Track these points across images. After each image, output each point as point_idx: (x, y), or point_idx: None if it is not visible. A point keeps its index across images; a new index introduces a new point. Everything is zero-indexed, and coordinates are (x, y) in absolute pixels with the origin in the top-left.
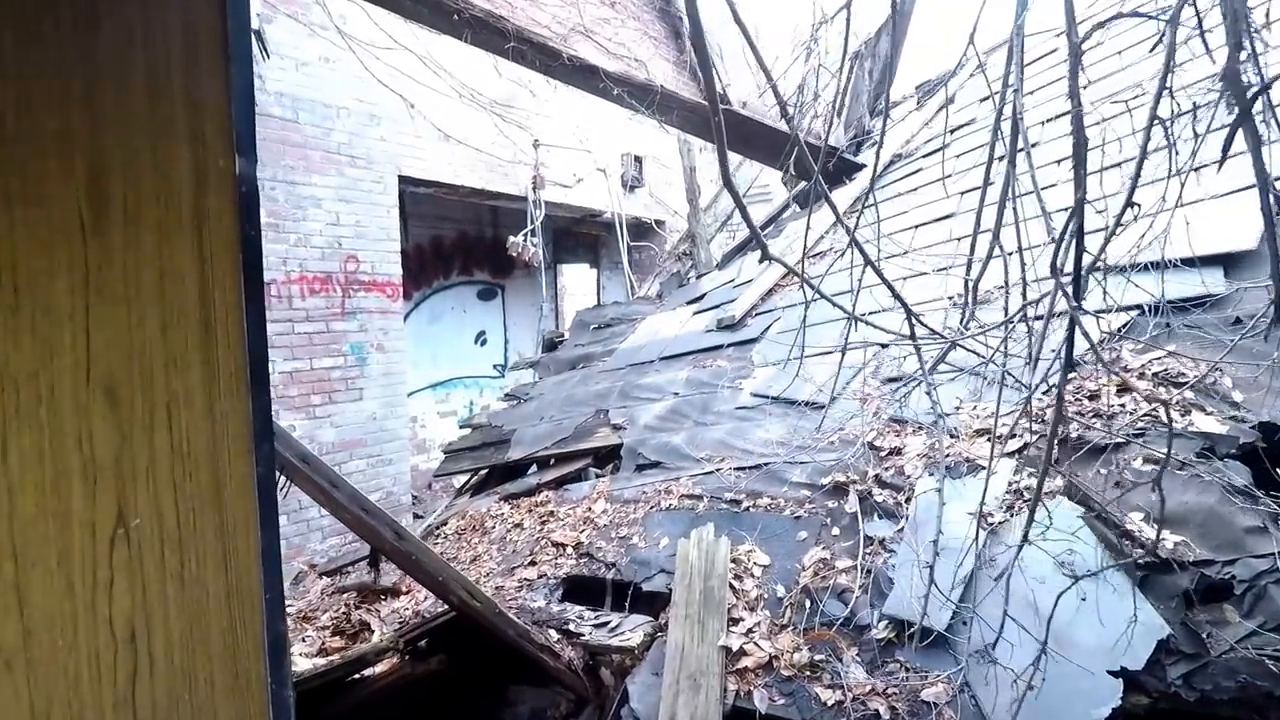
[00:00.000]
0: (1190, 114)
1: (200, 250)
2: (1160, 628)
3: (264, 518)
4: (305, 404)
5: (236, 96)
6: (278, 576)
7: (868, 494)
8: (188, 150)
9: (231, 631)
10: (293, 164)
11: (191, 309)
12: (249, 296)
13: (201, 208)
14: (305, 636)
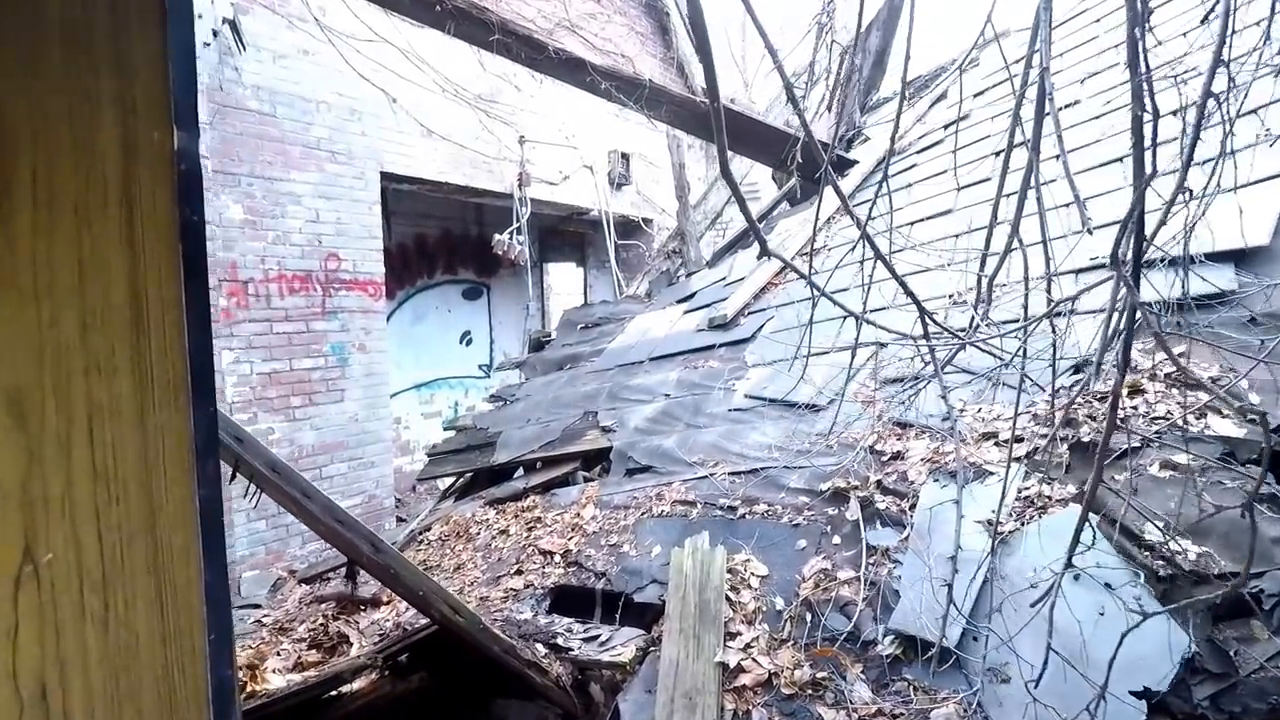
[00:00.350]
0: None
1: (130, 237)
2: (1184, 645)
3: (208, 547)
4: (285, 406)
5: (175, 59)
6: (225, 614)
7: (869, 501)
8: (113, 118)
9: (167, 681)
10: (270, 159)
11: (118, 306)
12: (190, 291)
13: (131, 187)
14: (280, 650)
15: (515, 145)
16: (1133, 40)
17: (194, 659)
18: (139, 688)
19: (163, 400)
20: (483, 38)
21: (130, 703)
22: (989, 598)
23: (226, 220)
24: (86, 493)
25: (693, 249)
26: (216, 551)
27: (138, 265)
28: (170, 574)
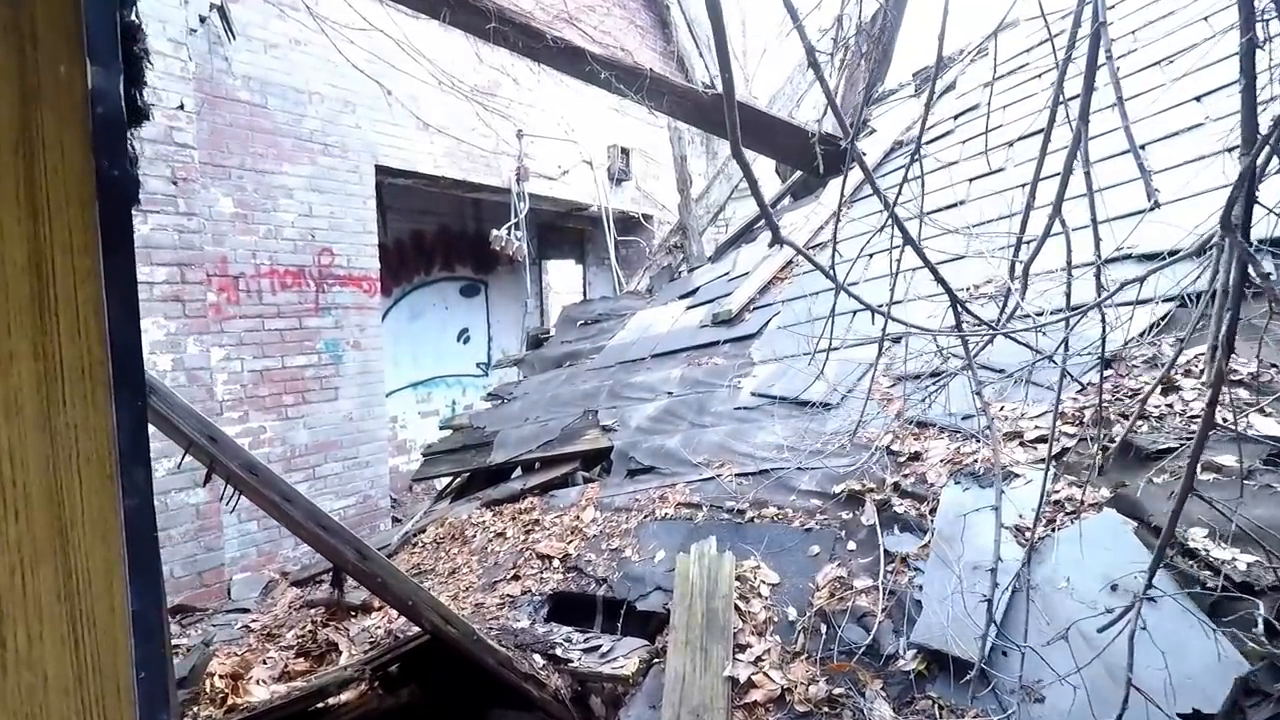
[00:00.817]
0: None
1: (29, 195)
2: (1238, 663)
3: (136, 568)
4: (276, 404)
5: None
6: (158, 647)
7: (887, 504)
8: (5, 48)
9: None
10: (262, 151)
11: (14, 278)
12: (112, 264)
13: (30, 132)
14: (267, 658)
15: (513, 139)
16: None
17: (118, 701)
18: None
19: (75, 394)
20: (479, 26)
21: None
22: (1021, 610)
23: (217, 214)
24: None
25: (695, 244)
26: (147, 573)
27: (39, 227)
28: (86, 602)
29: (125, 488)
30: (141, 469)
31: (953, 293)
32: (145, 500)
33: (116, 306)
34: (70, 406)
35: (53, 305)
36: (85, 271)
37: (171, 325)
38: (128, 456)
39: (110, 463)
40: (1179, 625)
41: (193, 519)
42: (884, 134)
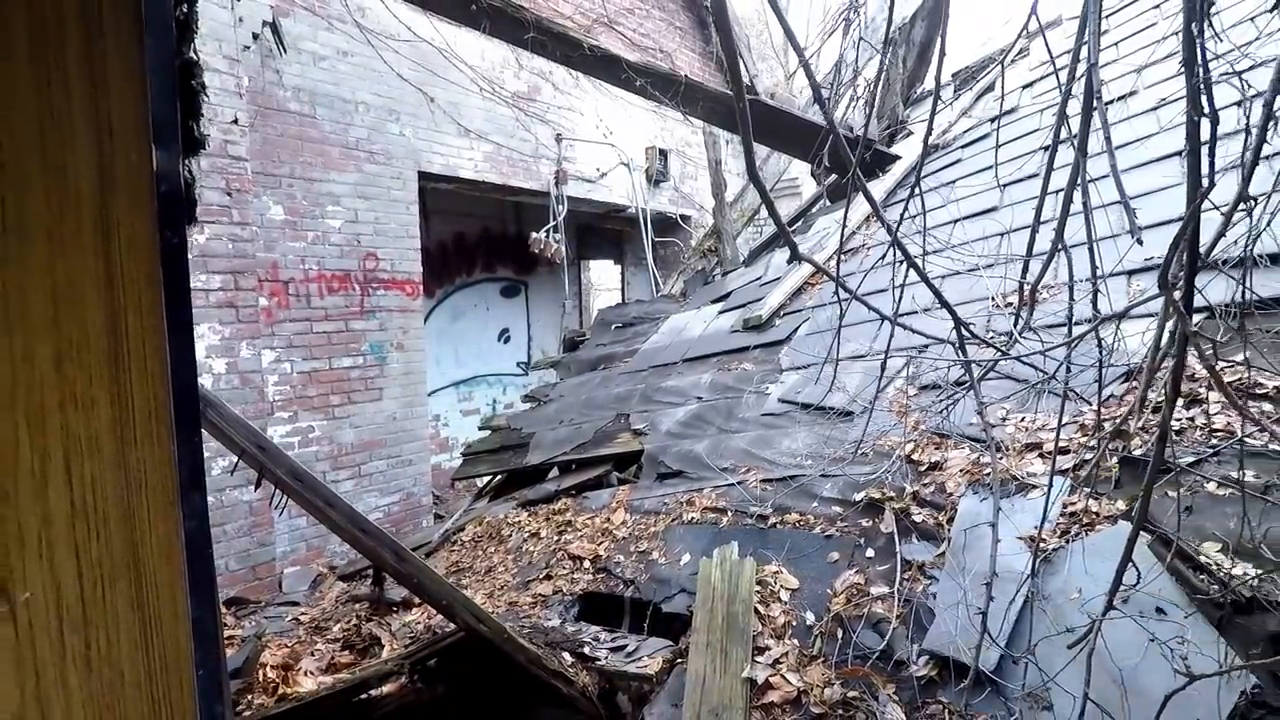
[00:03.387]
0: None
1: (107, 265)
2: (1245, 677)
3: (195, 581)
4: (324, 404)
5: (154, 74)
6: (214, 648)
7: (905, 513)
8: (88, 140)
9: (154, 718)
10: (310, 160)
11: (96, 337)
12: (173, 320)
13: (108, 213)
14: (315, 650)
15: (552, 143)
16: (1189, 37)
17: (182, 695)
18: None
19: (144, 434)
20: (518, 35)
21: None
22: (1029, 620)
23: (268, 221)
24: (64, 530)
25: (729, 247)
26: (204, 585)
27: (115, 294)
28: (155, 610)
29: (185, 512)
30: (198, 495)
31: (955, 314)
32: (202, 522)
33: (178, 356)
34: (140, 444)
35: (126, 360)
36: (152, 329)
37: (226, 330)
38: (187, 485)
39: (172, 490)
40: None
41: (246, 515)
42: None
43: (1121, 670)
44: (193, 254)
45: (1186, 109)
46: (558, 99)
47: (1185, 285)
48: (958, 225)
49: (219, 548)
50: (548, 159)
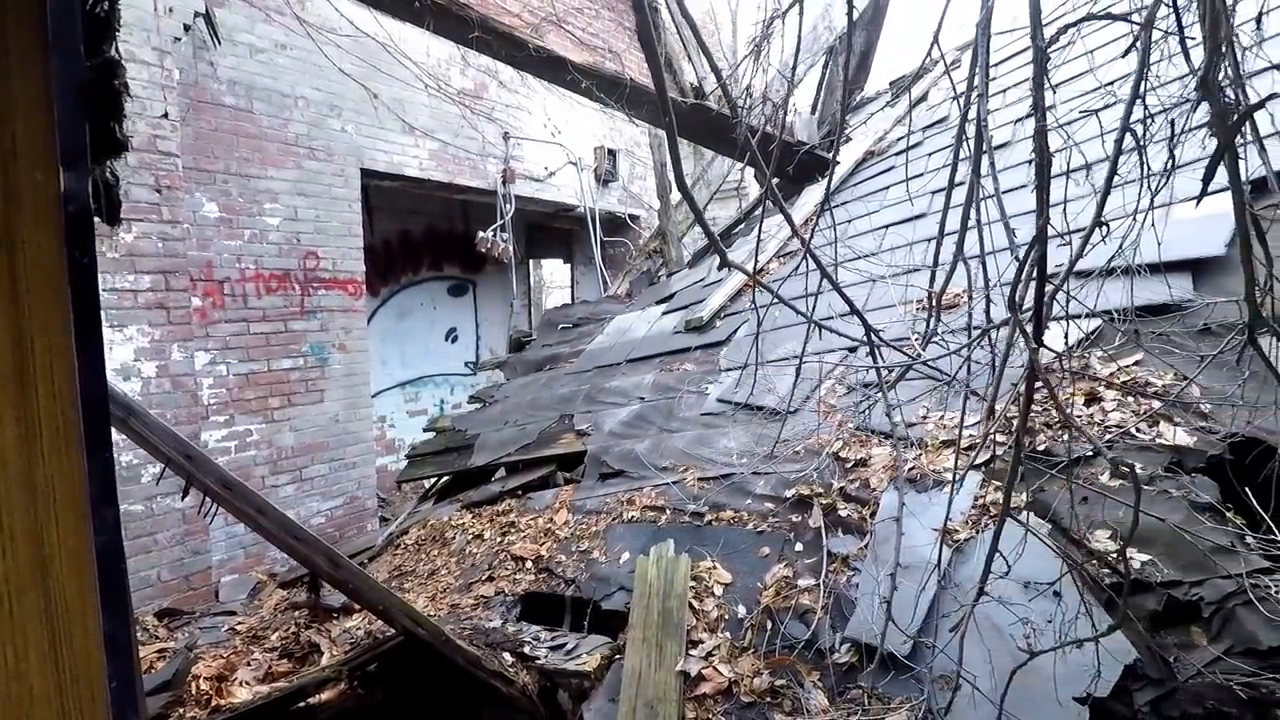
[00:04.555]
0: (1162, 117)
1: (11, 285)
2: (1127, 652)
3: (108, 593)
4: (263, 407)
5: (61, 95)
6: (128, 660)
7: (832, 508)
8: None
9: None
10: (247, 156)
11: (0, 356)
12: (82, 339)
13: (12, 233)
14: (251, 660)
15: (500, 141)
16: (1038, 83)
17: (94, 707)
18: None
19: (52, 449)
20: (462, 34)
21: None
22: (945, 606)
23: (202, 218)
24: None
25: (674, 248)
26: (117, 598)
27: (21, 313)
28: (64, 624)
29: (96, 526)
30: (110, 509)
31: (866, 322)
32: (114, 535)
33: (88, 374)
34: (48, 460)
35: (32, 377)
36: (60, 348)
37: (156, 332)
38: (98, 499)
39: (83, 505)
40: (1080, 619)
41: (179, 523)
42: (860, 142)
43: (1019, 648)
44: (119, 253)
45: (1033, 149)
46: (505, 97)
47: (1035, 311)
48: (890, 230)
49: (150, 557)
50: (495, 157)
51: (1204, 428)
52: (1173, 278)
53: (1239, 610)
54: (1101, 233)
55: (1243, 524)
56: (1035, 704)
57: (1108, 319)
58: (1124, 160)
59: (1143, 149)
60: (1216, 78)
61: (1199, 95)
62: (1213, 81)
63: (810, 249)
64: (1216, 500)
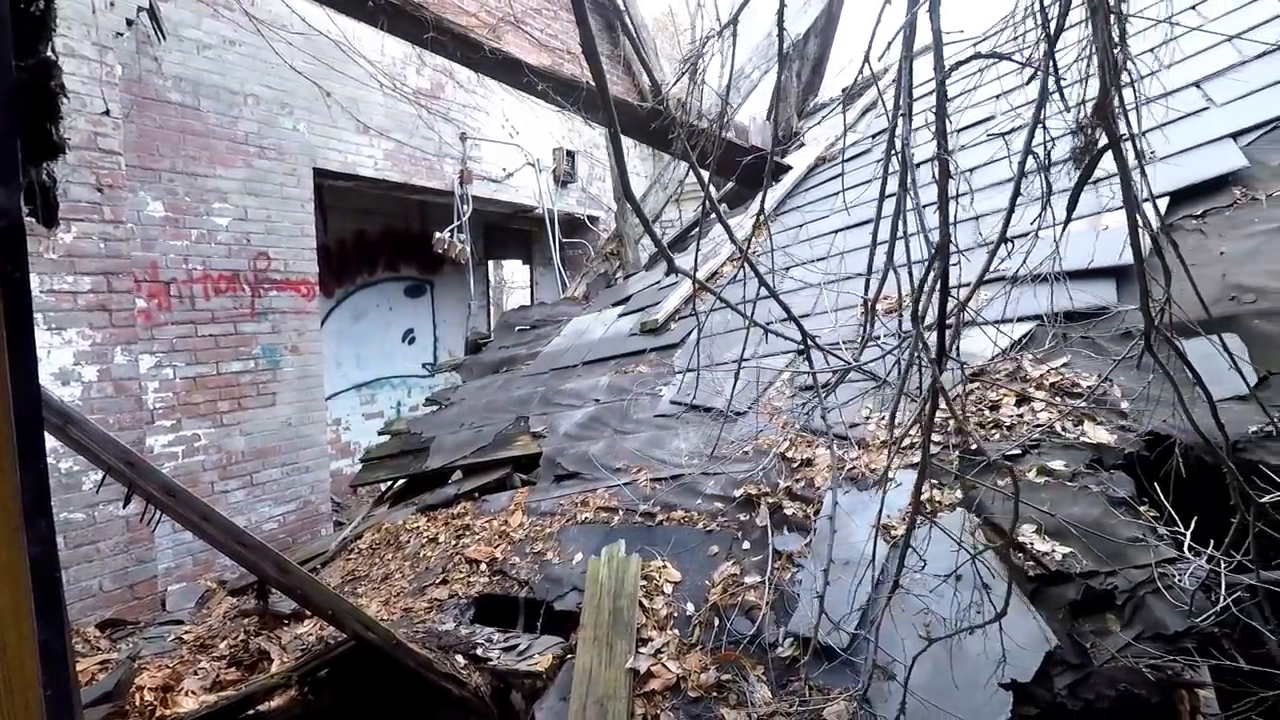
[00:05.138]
0: (1064, 139)
1: None
2: (1049, 639)
3: (42, 604)
4: (212, 411)
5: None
6: (63, 670)
7: (778, 507)
8: None
9: None
10: (194, 154)
11: None
12: (15, 351)
13: None
14: (199, 669)
15: (457, 142)
16: (941, 115)
17: (29, 715)
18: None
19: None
20: (416, 34)
21: None
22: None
23: (146, 218)
24: None
25: (631, 251)
26: (52, 608)
27: None
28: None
29: (30, 537)
30: (44, 520)
31: (803, 328)
32: (48, 547)
33: (20, 387)
34: None
35: None
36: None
37: (98, 335)
38: (31, 510)
39: (16, 517)
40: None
41: (122, 531)
42: (811, 148)
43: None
44: (58, 254)
45: (933, 174)
46: (462, 97)
47: (939, 328)
48: (839, 235)
49: (92, 566)
50: (452, 158)
51: (1124, 426)
52: (1099, 284)
53: (1149, 598)
54: (1007, 248)
55: (1155, 516)
56: (965, 691)
57: (1039, 323)
58: (1031, 181)
59: (1045, 170)
60: (1106, 112)
61: (1093, 121)
62: (1085, 120)
63: (747, 256)
64: (1131, 495)
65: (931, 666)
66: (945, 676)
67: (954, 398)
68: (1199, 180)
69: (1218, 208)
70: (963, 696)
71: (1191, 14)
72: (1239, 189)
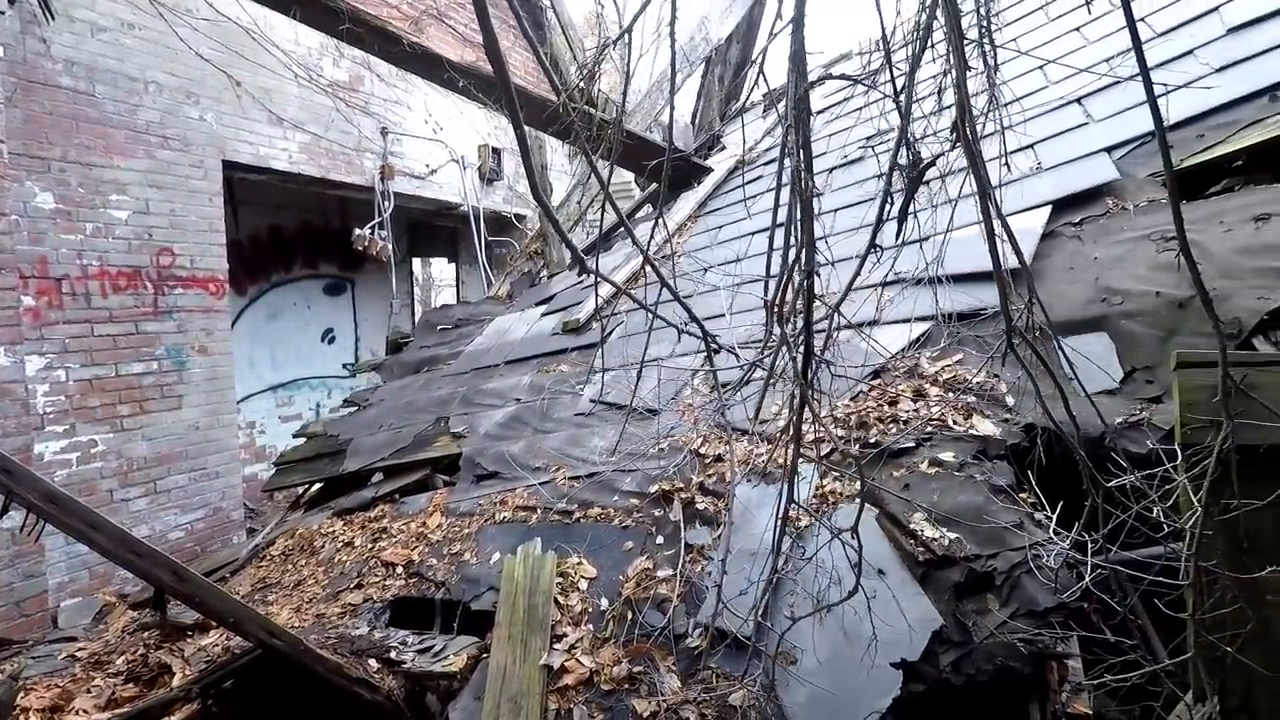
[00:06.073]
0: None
1: None
2: (935, 619)
3: None
4: (110, 415)
5: None
6: None
7: (691, 502)
8: None
9: None
10: (88, 143)
11: None
12: None
13: None
14: (92, 687)
15: (377, 136)
16: (804, 140)
17: None
18: None
19: None
20: (331, 25)
21: None
22: (787, 589)
23: (34, 210)
24: None
25: (555, 250)
26: None
27: None
28: None
29: None
30: None
31: (706, 331)
32: None
33: None
34: None
35: None
36: None
37: None
38: None
39: None
40: (901, 592)
41: (7, 544)
42: (734, 150)
43: (851, 623)
44: None
45: (791, 192)
46: (383, 91)
47: (804, 342)
48: (753, 238)
49: None
50: (373, 153)
51: (1006, 419)
52: (987, 286)
53: (1023, 578)
54: (876, 254)
55: (1032, 504)
56: (858, 671)
57: (934, 322)
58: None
59: (919, 181)
60: (963, 132)
61: (954, 140)
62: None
63: (650, 259)
64: (1010, 484)
65: (830, 650)
66: (843, 659)
67: (824, 397)
68: (1077, 190)
69: (1093, 216)
70: (858, 676)
71: (1075, 35)
72: (1111, 199)
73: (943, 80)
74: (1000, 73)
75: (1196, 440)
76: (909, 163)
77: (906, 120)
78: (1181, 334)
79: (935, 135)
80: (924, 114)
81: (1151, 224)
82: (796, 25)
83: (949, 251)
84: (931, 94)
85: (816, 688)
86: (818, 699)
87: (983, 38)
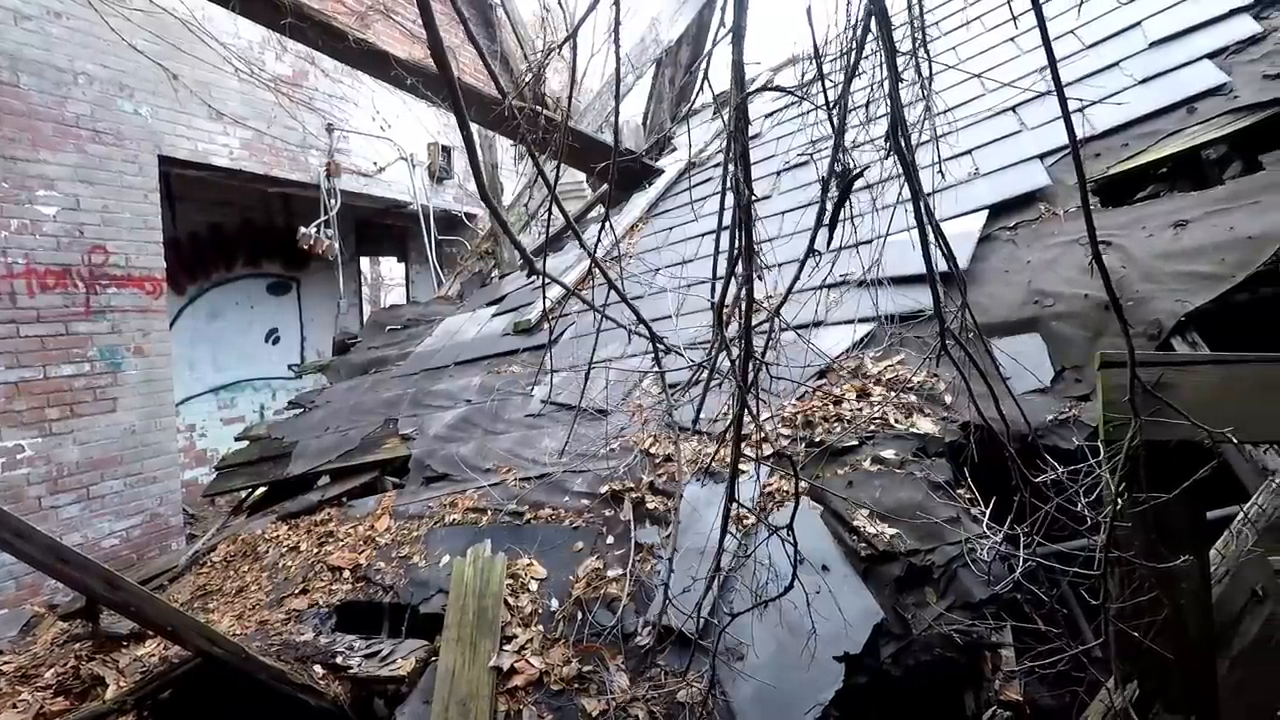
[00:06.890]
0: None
1: None
2: (876, 613)
3: None
4: (38, 419)
5: None
6: None
7: (641, 502)
8: None
9: None
10: (12, 136)
11: None
12: None
13: None
14: (18, 701)
15: (323, 133)
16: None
17: None
18: None
19: None
20: (272, 19)
21: None
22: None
23: None
24: None
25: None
26: None
27: None
28: None
29: None
30: None
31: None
32: None
33: None
34: None
35: None
36: None
37: None
38: None
39: None
40: (844, 587)
41: None
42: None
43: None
44: None
45: (735, 196)
46: (329, 86)
47: (743, 350)
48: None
49: None
50: (318, 150)
51: (945, 417)
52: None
53: (960, 571)
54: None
55: (969, 499)
56: (803, 666)
57: (877, 323)
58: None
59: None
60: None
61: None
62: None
63: (597, 261)
64: (948, 480)
65: (775, 645)
66: (788, 654)
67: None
68: (1012, 196)
69: (1026, 221)
70: (802, 671)
71: (1010, 45)
72: (1044, 205)
73: (877, 90)
74: (936, 81)
75: (1117, 437)
76: (840, 171)
77: (841, 132)
78: (1108, 335)
79: (872, 143)
80: (860, 123)
81: (1081, 229)
82: (736, 36)
83: (888, 255)
84: (866, 104)
85: (762, 683)
86: (764, 694)
87: (915, 50)
